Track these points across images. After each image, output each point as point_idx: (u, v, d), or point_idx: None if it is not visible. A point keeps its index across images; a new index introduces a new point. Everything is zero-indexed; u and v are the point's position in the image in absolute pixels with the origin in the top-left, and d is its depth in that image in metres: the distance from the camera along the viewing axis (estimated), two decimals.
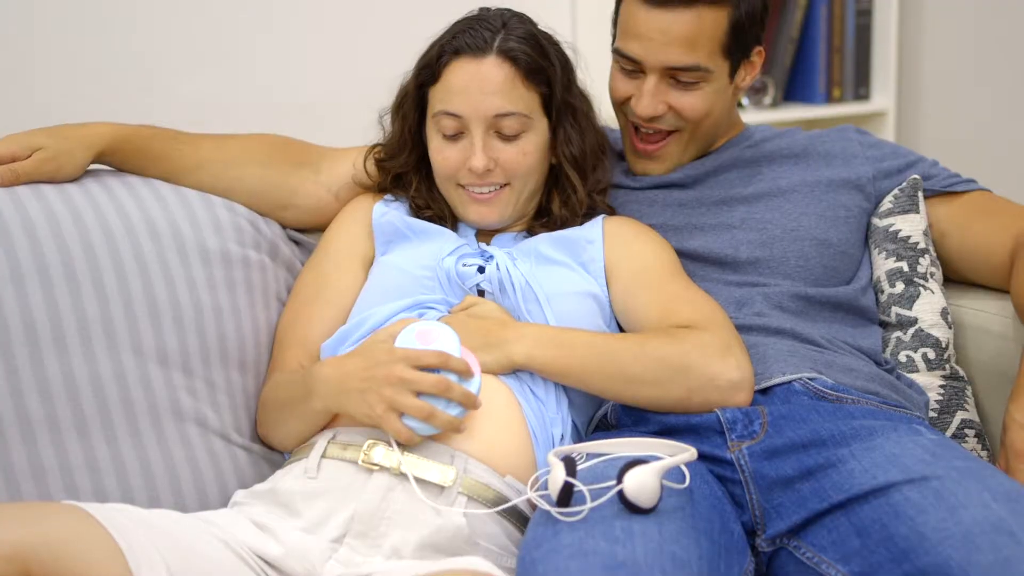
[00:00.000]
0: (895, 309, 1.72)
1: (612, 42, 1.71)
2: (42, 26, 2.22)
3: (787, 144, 1.76)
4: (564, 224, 1.66)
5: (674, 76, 1.64)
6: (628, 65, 1.67)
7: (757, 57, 1.72)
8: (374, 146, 1.72)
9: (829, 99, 2.89)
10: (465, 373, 1.40)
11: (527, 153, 1.60)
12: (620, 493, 1.28)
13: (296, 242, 1.77)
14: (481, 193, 1.61)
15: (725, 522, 1.38)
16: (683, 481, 1.35)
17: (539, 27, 1.64)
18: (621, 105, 1.71)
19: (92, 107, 2.27)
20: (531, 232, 1.67)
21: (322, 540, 1.37)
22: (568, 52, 1.65)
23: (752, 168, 1.74)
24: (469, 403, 1.40)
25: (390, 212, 1.65)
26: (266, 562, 1.36)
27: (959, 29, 2.96)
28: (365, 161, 1.72)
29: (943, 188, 1.76)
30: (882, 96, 2.94)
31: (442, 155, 1.61)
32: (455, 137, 1.60)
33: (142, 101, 2.31)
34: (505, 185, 1.61)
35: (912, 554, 1.26)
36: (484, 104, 1.56)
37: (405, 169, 1.69)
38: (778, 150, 1.75)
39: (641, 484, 1.27)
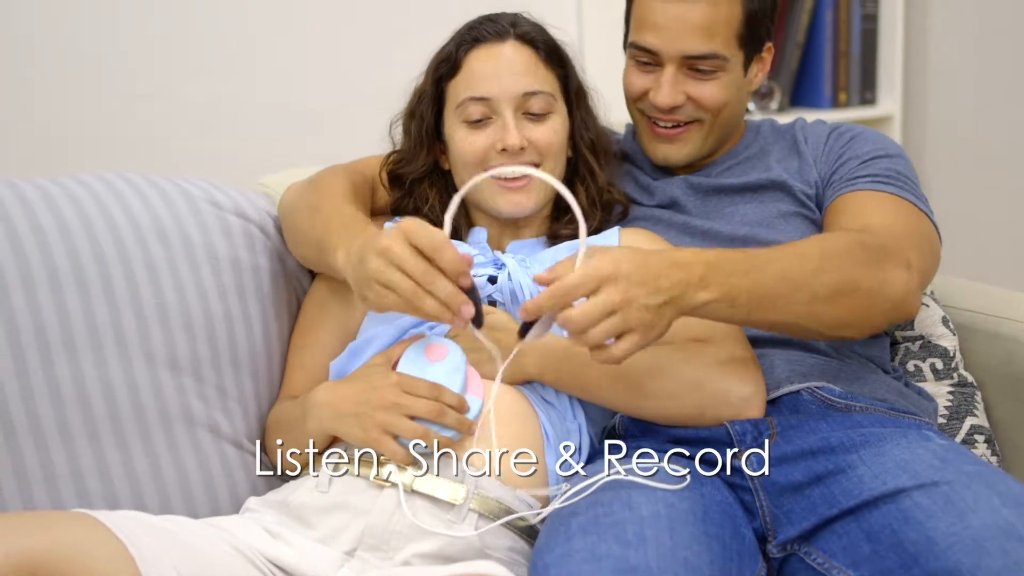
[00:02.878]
0: (897, 332, 1.73)
1: (625, 38, 1.71)
2: (51, 30, 2.22)
3: (773, 177, 1.71)
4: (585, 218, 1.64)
5: (692, 66, 1.64)
6: (644, 58, 1.67)
7: (767, 53, 1.72)
8: (388, 155, 1.71)
9: (835, 103, 2.89)
10: (459, 407, 1.39)
11: (556, 132, 1.60)
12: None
13: None
14: (513, 180, 1.58)
15: (736, 528, 1.38)
16: (683, 482, 1.37)
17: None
18: (637, 101, 1.71)
19: (101, 112, 2.28)
20: (549, 238, 1.66)
21: (334, 551, 1.38)
22: (569, 50, 1.66)
23: (749, 191, 1.71)
24: (463, 429, 1.40)
25: None
26: (279, 568, 1.36)
27: (965, 33, 2.96)
28: (380, 173, 1.71)
29: (834, 198, 1.66)
30: (888, 100, 2.94)
31: (468, 142, 1.58)
32: (481, 123, 1.58)
33: (151, 106, 2.32)
34: (536, 166, 1.58)
35: (922, 559, 1.25)
36: (512, 84, 1.57)
37: (422, 174, 1.67)
38: (777, 178, 1.70)
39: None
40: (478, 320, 1.30)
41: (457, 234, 1.65)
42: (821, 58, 2.86)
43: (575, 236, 1.64)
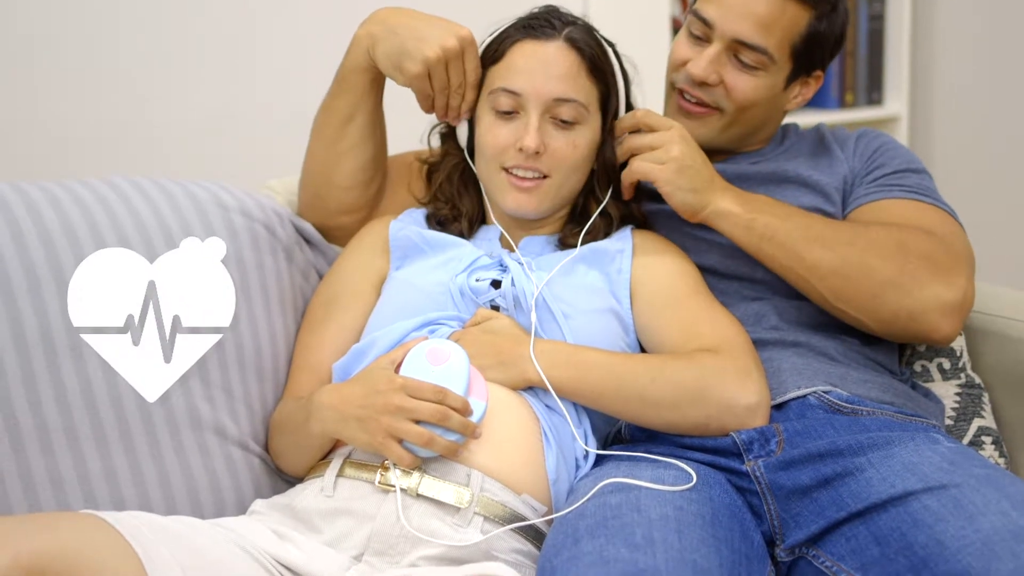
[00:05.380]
0: None
1: (692, 3, 1.71)
2: (57, 34, 2.23)
3: (807, 164, 1.73)
4: (596, 231, 1.64)
5: (737, 54, 1.64)
6: (698, 30, 1.66)
7: (814, 81, 1.71)
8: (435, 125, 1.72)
9: (842, 104, 2.89)
10: (463, 410, 1.39)
11: (577, 146, 1.58)
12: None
13: (309, 241, 1.76)
14: (524, 179, 1.57)
15: (745, 531, 1.38)
16: (689, 482, 1.38)
17: (602, 35, 1.65)
18: (675, 71, 1.70)
19: (107, 116, 2.28)
20: (563, 238, 1.64)
21: (342, 554, 1.38)
22: (628, 66, 1.65)
23: (773, 181, 1.71)
24: (467, 433, 1.39)
25: (407, 227, 1.64)
26: (287, 568, 1.36)
27: (972, 34, 2.96)
28: (429, 135, 1.72)
29: (866, 201, 1.68)
30: (895, 101, 2.94)
31: (492, 133, 1.58)
32: (508, 116, 1.57)
33: (157, 110, 2.32)
34: (546, 177, 1.58)
35: (931, 562, 1.25)
36: (546, 86, 1.55)
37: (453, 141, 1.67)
38: (799, 171, 1.71)
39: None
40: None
41: (472, 221, 1.65)
42: None
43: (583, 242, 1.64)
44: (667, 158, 1.56)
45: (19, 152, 2.22)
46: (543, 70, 1.56)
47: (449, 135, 1.69)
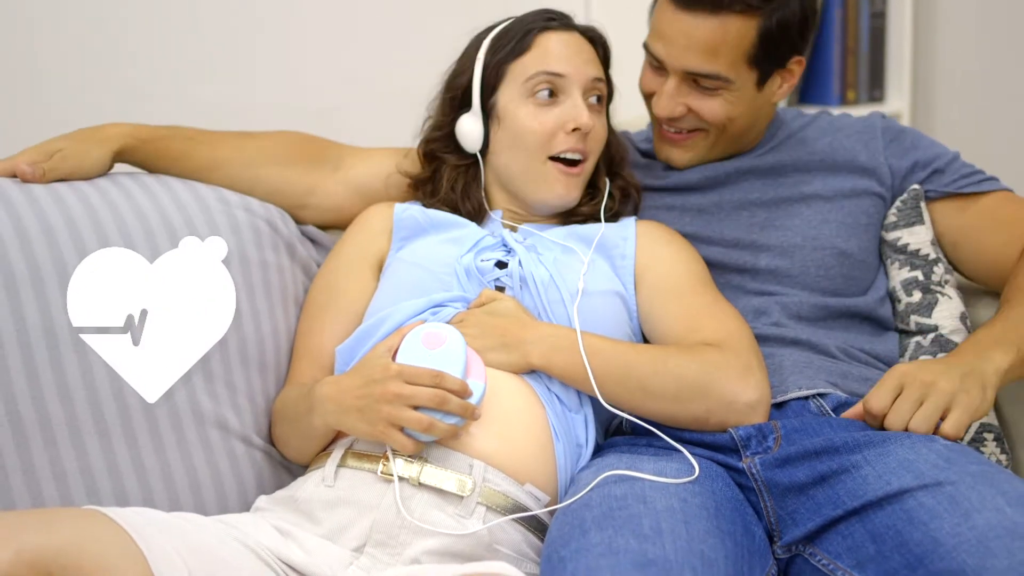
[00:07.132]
0: (914, 318, 1.71)
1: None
2: (57, 30, 2.23)
3: (809, 152, 1.74)
4: (596, 216, 1.66)
5: (695, 80, 1.64)
6: (654, 63, 1.67)
7: (796, 66, 1.69)
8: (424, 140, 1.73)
9: (843, 101, 2.88)
10: (461, 392, 1.39)
11: (606, 128, 1.67)
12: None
13: (312, 240, 1.77)
14: (572, 164, 1.62)
15: (747, 525, 1.38)
16: (693, 473, 1.38)
17: None
18: (647, 100, 1.72)
19: (106, 111, 2.27)
20: (563, 218, 1.67)
21: (343, 548, 1.38)
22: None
23: (773, 174, 1.72)
24: (467, 415, 1.40)
25: (411, 208, 1.66)
26: (288, 566, 1.36)
27: (973, 30, 2.95)
28: (418, 150, 1.72)
29: (956, 190, 1.72)
30: (896, 98, 2.93)
31: (537, 120, 1.61)
32: (550, 102, 1.61)
33: (157, 106, 2.32)
34: (584, 160, 1.63)
35: (927, 560, 1.25)
36: (584, 68, 1.62)
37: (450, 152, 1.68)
38: (801, 158, 1.73)
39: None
40: None
41: (474, 215, 1.67)
42: (829, 55, 2.86)
43: (591, 214, 1.67)
44: (945, 398, 1.42)
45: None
46: (578, 54, 1.63)
47: (436, 149, 1.69)
